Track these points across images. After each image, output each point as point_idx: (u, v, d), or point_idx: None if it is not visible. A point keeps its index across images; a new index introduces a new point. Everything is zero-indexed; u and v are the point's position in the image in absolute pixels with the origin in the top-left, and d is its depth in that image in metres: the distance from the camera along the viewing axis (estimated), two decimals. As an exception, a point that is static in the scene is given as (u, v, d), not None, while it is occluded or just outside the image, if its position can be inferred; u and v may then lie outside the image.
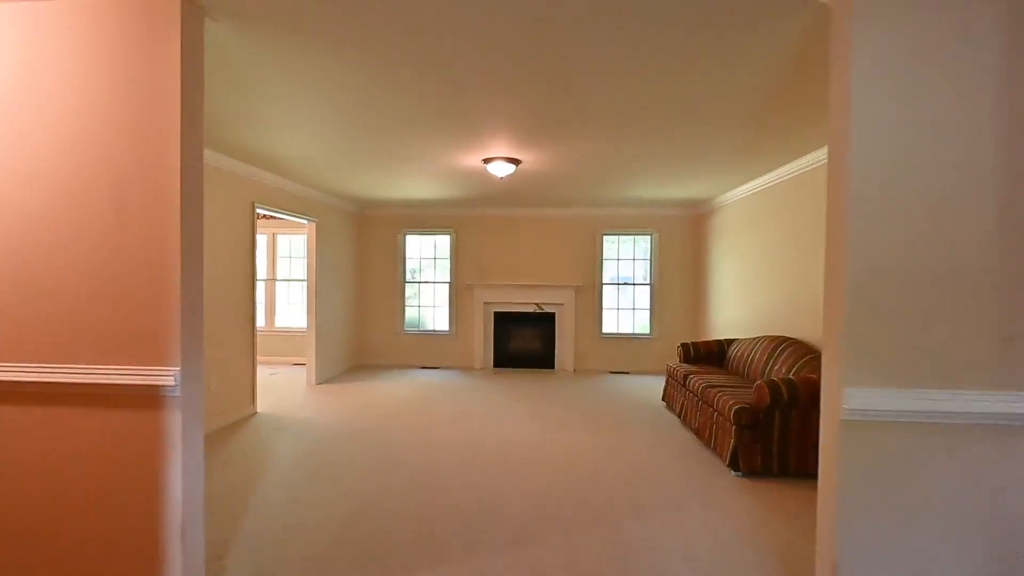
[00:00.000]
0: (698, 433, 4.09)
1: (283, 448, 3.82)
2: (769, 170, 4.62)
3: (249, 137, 3.72)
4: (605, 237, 7.22)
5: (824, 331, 1.76)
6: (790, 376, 3.61)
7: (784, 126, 3.32)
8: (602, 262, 7.21)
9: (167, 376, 1.82)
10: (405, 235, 7.46)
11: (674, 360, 6.36)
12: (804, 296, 4.21)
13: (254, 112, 3.16)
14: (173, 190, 1.84)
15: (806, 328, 4.14)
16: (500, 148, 4.01)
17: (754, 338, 4.65)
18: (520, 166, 4.51)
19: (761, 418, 3.33)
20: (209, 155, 4.08)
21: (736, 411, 3.37)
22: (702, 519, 2.76)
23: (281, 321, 7.77)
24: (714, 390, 3.90)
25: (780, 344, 4.13)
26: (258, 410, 4.84)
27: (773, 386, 3.28)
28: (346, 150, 4.08)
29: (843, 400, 1.63)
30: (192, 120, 1.89)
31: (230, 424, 4.37)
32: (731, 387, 3.97)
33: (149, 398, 1.85)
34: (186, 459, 1.89)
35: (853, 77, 1.60)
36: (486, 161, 4.34)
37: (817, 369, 3.54)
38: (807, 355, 3.76)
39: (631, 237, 7.25)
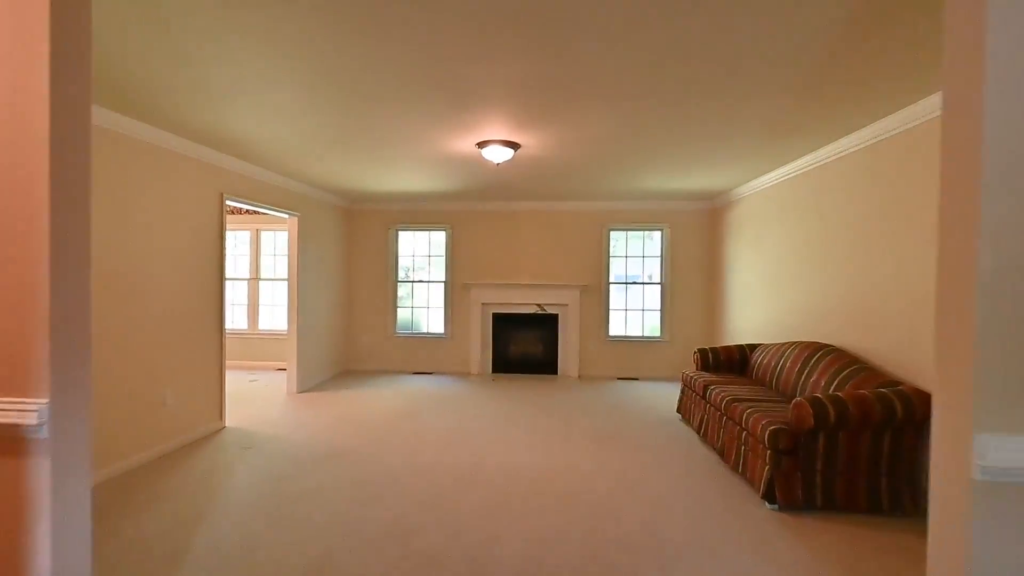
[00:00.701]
0: (722, 454, 3.58)
1: (244, 474, 3.33)
2: (799, 155, 4.09)
3: (206, 115, 3.22)
4: (612, 232, 6.70)
5: (938, 352, 1.24)
6: (833, 392, 3.10)
7: (841, 92, 2.75)
8: (609, 260, 6.69)
9: (28, 412, 1.33)
10: (397, 231, 6.96)
11: (689, 366, 5.84)
12: (843, 297, 3.68)
13: (198, 80, 2.66)
14: (38, 161, 1.34)
15: (846, 334, 3.61)
16: (495, 129, 3.50)
17: (782, 344, 4.13)
18: (519, 151, 4.00)
19: (802, 442, 2.82)
20: (167, 138, 3.58)
21: (771, 433, 2.85)
22: (737, 567, 2.26)
23: (265, 323, 7.29)
24: (740, 405, 3.39)
25: (816, 352, 3.61)
26: (227, 424, 4.35)
27: (817, 404, 2.76)
28: (318, 133, 3.58)
29: (975, 452, 1.12)
30: (70, 66, 1.39)
31: (190, 443, 3.87)
32: (759, 401, 3.46)
33: (3, 441, 1.36)
34: (59, 521, 1.40)
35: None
36: (480, 145, 3.84)
37: (864, 383, 3.02)
38: (851, 366, 3.23)
39: (640, 232, 6.73)
